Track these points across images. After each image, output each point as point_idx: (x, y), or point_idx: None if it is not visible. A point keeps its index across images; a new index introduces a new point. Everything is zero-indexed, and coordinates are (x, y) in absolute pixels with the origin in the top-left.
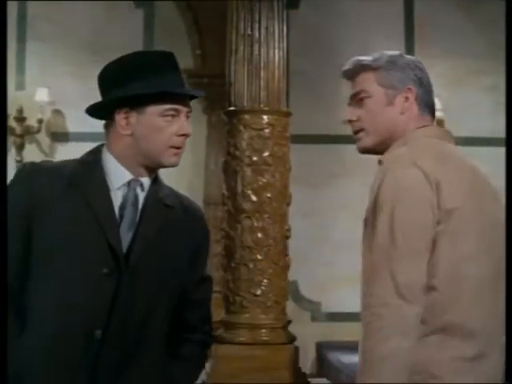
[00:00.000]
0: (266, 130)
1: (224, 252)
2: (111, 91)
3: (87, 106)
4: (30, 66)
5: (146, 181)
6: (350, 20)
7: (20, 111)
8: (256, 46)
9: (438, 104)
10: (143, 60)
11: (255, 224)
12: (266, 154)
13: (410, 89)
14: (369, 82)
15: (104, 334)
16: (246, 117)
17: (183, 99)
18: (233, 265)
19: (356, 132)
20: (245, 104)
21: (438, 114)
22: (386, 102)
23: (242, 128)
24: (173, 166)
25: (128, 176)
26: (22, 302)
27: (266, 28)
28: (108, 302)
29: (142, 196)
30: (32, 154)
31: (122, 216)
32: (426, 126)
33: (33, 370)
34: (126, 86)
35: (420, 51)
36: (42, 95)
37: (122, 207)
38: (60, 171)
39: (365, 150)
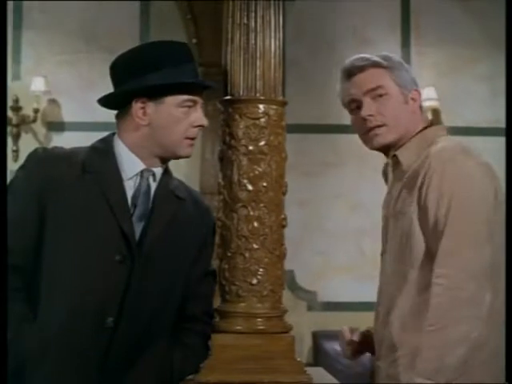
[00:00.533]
0: (262, 119)
1: (220, 241)
2: (128, 81)
3: (82, 94)
4: (26, 56)
5: (158, 171)
6: (346, 9)
7: (16, 101)
8: (252, 35)
9: (433, 93)
10: (160, 51)
11: (251, 213)
12: (262, 143)
13: (417, 90)
14: (385, 79)
15: (116, 321)
16: (242, 106)
17: (199, 90)
18: (228, 254)
19: (373, 128)
20: (241, 93)
21: (433, 103)
22: (403, 101)
23: (237, 117)
24: (187, 157)
25: (141, 166)
26: (34, 288)
27: (262, 17)
28: (120, 290)
29: (153, 186)
30: (28, 143)
31: (134, 205)
32: (430, 125)
33: (44, 357)
34: (145, 76)
35: (416, 40)
36: (37, 85)
37: (135, 196)
38: (72, 158)
39: (380, 147)
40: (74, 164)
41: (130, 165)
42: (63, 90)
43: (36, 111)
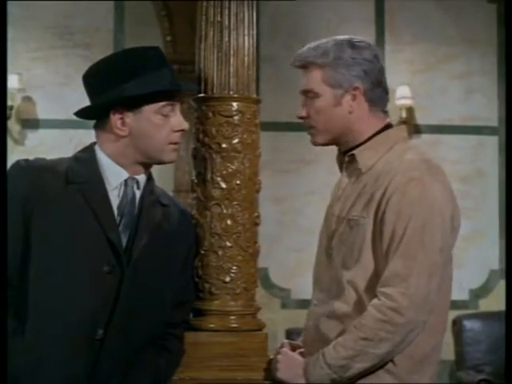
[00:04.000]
0: (236, 117)
1: None
2: (103, 92)
3: (57, 91)
4: None
5: (141, 178)
6: (320, 6)
7: None
8: (226, 33)
9: (407, 91)
10: (133, 58)
11: (224, 211)
12: (236, 140)
13: (356, 87)
14: (317, 81)
15: (105, 333)
16: (215, 104)
17: (177, 94)
18: (202, 252)
19: (308, 128)
20: (214, 91)
21: (407, 101)
22: (334, 103)
23: (210, 115)
24: (171, 162)
25: (124, 175)
26: (22, 302)
27: (236, 15)
28: (110, 301)
29: (138, 194)
30: None
31: (121, 214)
32: (388, 125)
33: (35, 372)
34: (120, 86)
35: (390, 37)
36: (12, 82)
37: (121, 206)
38: (56, 168)
39: (318, 145)
40: (58, 175)
41: (114, 174)
42: (38, 87)
43: (10, 108)
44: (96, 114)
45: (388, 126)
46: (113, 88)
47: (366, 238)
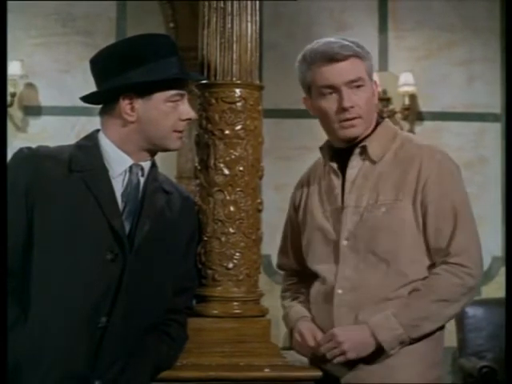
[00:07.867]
0: (239, 104)
1: None
2: (112, 78)
3: (59, 78)
4: None
5: (146, 165)
6: None
7: None
8: (228, 19)
9: (410, 78)
10: (144, 45)
11: (227, 197)
12: (239, 127)
13: (375, 81)
14: (363, 71)
15: (108, 320)
16: (218, 90)
17: (186, 83)
18: (205, 238)
19: (351, 119)
20: (217, 77)
21: (410, 88)
22: (372, 93)
23: (214, 101)
24: (176, 150)
25: (129, 162)
26: (24, 290)
27: (239, 0)
28: (113, 288)
29: (142, 181)
30: None
31: (124, 202)
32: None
33: (38, 360)
34: (130, 72)
35: (393, 24)
36: (14, 69)
37: (125, 193)
38: (58, 156)
39: (353, 137)
40: (61, 163)
41: (118, 161)
42: (40, 74)
43: (13, 95)
44: (104, 99)
45: (380, 117)
46: (122, 73)
47: (405, 219)
